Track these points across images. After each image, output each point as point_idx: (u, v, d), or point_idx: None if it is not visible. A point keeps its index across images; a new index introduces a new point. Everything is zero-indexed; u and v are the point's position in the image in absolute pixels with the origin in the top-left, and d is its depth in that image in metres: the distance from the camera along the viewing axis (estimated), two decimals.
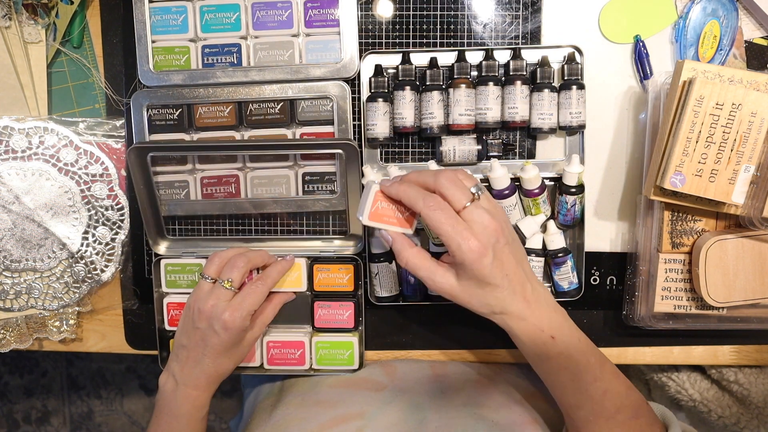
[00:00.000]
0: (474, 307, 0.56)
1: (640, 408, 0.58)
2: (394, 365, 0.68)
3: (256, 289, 0.64)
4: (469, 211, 0.53)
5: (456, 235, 0.51)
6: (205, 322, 0.63)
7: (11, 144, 0.71)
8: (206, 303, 0.62)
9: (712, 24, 0.66)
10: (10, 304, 0.74)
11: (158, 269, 0.72)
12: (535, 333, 0.56)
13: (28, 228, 0.72)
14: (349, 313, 0.72)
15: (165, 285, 0.72)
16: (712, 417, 0.78)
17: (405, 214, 0.57)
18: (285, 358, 0.72)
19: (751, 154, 0.58)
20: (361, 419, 0.62)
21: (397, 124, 0.67)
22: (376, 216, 0.57)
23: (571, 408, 0.58)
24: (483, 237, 0.52)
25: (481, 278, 0.53)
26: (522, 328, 0.56)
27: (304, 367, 0.72)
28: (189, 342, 0.64)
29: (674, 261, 0.66)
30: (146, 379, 1.65)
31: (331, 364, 0.72)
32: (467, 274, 0.53)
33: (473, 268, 0.52)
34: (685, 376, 0.80)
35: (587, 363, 0.57)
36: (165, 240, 0.73)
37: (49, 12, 0.69)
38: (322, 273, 0.71)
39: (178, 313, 0.72)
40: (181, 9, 0.68)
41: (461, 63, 0.67)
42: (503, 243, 0.53)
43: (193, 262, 0.72)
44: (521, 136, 0.70)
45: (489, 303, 0.55)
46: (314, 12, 0.67)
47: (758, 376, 0.75)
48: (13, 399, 1.68)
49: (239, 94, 0.69)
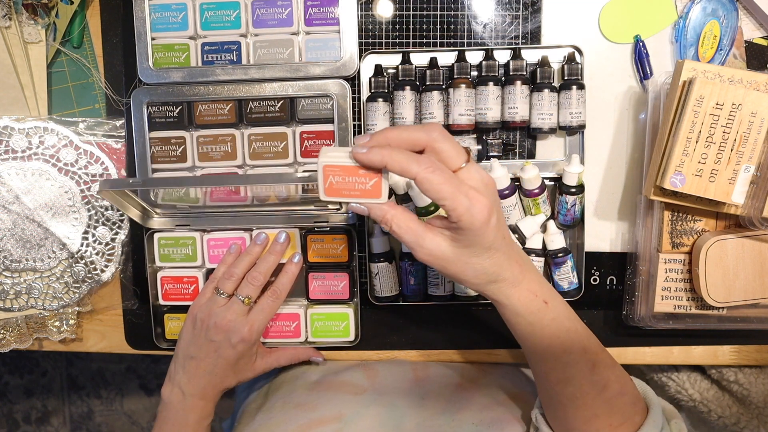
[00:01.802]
0: (468, 277, 0.50)
1: (626, 384, 0.56)
2: (375, 368, 0.68)
3: (272, 304, 0.66)
4: (467, 169, 0.47)
5: (463, 197, 0.45)
6: (222, 335, 0.64)
7: (11, 144, 0.71)
8: (224, 318, 0.64)
9: (712, 24, 0.66)
10: (10, 304, 0.74)
11: (151, 243, 0.72)
12: (529, 298, 0.52)
13: (28, 228, 0.72)
14: (343, 284, 0.71)
15: (159, 259, 0.72)
16: (712, 417, 0.78)
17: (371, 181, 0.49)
18: (280, 330, 0.72)
19: (751, 154, 0.58)
20: (338, 422, 0.62)
21: (397, 124, 0.67)
22: (335, 191, 0.50)
23: (559, 384, 0.54)
24: (488, 195, 0.47)
25: (483, 242, 0.47)
26: (517, 295, 0.51)
27: (300, 339, 0.72)
28: (200, 353, 0.65)
29: (674, 261, 0.66)
30: (146, 379, 1.65)
31: (327, 336, 0.72)
32: (467, 240, 0.47)
33: (480, 231, 0.46)
34: (685, 376, 0.80)
35: (576, 331, 0.54)
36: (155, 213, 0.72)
37: (49, 12, 0.69)
38: (315, 244, 0.71)
39: (173, 287, 0.72)
40: (181, 6, 0.68)
41: (461, 63, 0.67)
42: (498, 204, 0.49)
43: (186, 235, 0.71)
44: (521, 136, 0.70)
45: (486, 270, 0.49)
46: (314, 10, 0.67)
47: (758, 376, 0.75)
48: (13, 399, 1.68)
49: (239, 91, 0.69)
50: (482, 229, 0.46)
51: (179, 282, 0.72)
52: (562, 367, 0.53)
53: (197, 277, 0.72)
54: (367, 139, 0.48)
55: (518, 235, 0.66)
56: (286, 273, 0.68)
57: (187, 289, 0.72)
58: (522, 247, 0.67)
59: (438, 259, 0.49)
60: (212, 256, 0.71)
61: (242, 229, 0.71)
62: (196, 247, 0.71)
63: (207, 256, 0.72)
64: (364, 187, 0.50)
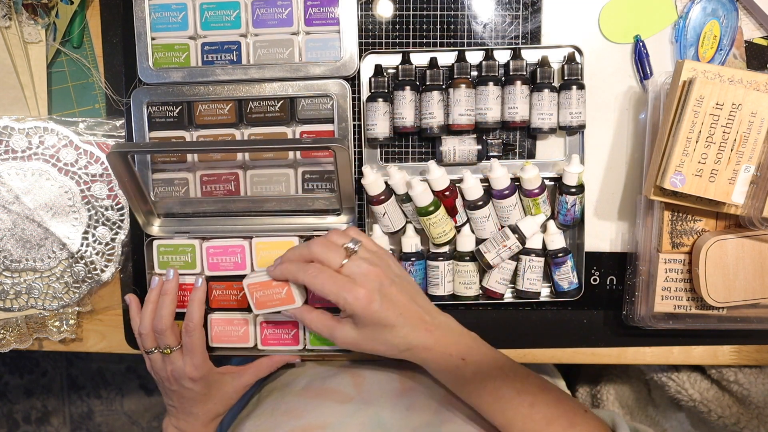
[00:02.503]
0: (381, 352, 0.59)
1: (575, 416, 0.57)
2: (363, 375, 0.68)
3: (193, 339, 0.68)
4: (347, 266, 0.57)
5: (340, 290, 0.56)
6: (175, 384, 0.69)
7: (11, 144, 0.71)
8: (165, 371, 0.68)
9: (712, 24, 0.66)
10: (10, 304, 0.74)
11: (150, 250, 0.72)
12: (444, 359, 0.58)
13: (28, 228, 0.72)
14: None
15: (158, 266, 0.72)
16: (712, 417, 0.78)
17: (283, 290, 0.62)
18: (279, 338, 0.72)
19: (751, 154, 0.58)
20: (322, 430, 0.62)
21: (397, 124, 0.67)
22: (261, 305, 0.63)
23: (504, 427, 0.57)
24: (366, 284, 0.56)
25: (376, 322, 0.56)
26: (431, 358, 0.58)
27: (298, 347, 0.72)
28: (173, 401, 0.71)
29: (674, 261, 0.66)
30: (146, 379, 1.65)
31: (325, 343, 0.71)
32: (363, 323, 0.57)
33: (365, 315, 0.56)
34: (685, 376, 0.80)
35: (506, 378, 0.58)
36: (157, 219, 0.72)
37: (49, 12, 0.69)
38: None
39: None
40: (181, 6, 0.68)
41: (461, 63, 0.67)
42: (388, 284, 0.57)
43: (185, 242, 0.71)
44: (521, 136, 0.70)
45: (393, 343, 0.58)
46: (314, 10, 0.67)
47: (758, 376, 0.75)
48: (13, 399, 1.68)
49: (239, 91, 0.69)
50: (367, 314, 0.56)
51: (179, 289, 0.71)
52: (499, 411, 0.57)
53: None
54: (279, 261, 0.61)
55: (518, 235, 0.66)
56: (192, 301, 0.69)
57: (185, 296, 0.72)
58: (522, 248, 0.67)
59: (351, 344, 0.59)
60: (211, 263, 0.71)
61: (241, 237, 0.71)
62: (195, 255, 0.71)
63: (206, 263, 0.71)
64: (281, 296, 0.62)
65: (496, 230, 0.68)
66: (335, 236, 0.60)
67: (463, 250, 0.69)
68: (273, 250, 0.70)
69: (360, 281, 0.56)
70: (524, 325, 0.73)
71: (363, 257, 0.58)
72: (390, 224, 0.69)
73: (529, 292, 0.69)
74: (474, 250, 0.69)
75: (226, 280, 0.71)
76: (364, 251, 0.59)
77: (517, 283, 0.70)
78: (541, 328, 0.73)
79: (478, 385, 0.58)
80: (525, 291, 0.69)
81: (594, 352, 0.74)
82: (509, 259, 0.68)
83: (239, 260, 0.70)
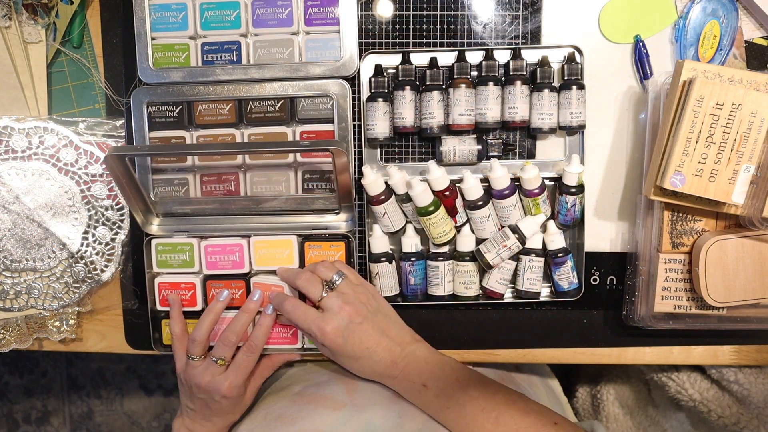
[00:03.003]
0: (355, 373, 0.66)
1: (542, 427, 0.58)
2: (356, 382, 0.68)
3: (248, 359, 0.69)
4: (324, 302, 0.64)
5: (311, 326, 0.63)
6: (205, 394, 0.68)
7: (11, 144, 0.71)
8: (202, 380, 0.68)
9: (712, 24, 0.66)
10: (10, 304, 0.74)
11: (149, 249, 0.72)
12: (407, 385, 0.63)
13: (28, 228, 0.72)
14: None
15: (156, 265, 0.72)
16: (712, 417, 0.78)
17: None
18: (278, 337, 0.72)
19: (751, 154, 0.58)
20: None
21: (397, 124, 0.67)
22: None
23: None
24: (334, 322, 0.62)
25: (343, 354, 0.63)
26: (397, 385, 0.64)
27: (297, 345, 0.73)
28: (194, 406, 0.70)
29: (674, 261, 0.66)
30: (146, 379, 1.65)
31: None
32: (332, 353, 0.64)
33: (331, 348, 0.63)
34: (685, 376, 0.80)
35: (469, 397, 0.60)
36: (156, 218, 0.72)
37: (49, 12, 0.69)
38: (313, 251, 0.71)
39: (170, 293, 0.72)
40: (181, 6, 0.68)
41: (461, 63, 0.67)
42: (359, 321, 0.63)
43: (184, 241, 0.71)
44: (521, 136, 0.70)
45: (360, 371, 0.65)
46: (314, 10, 0.67)
47: (758, 376, 0.75)
48: (13, 399, 1.68)
49: (239, 91, 0.69)
50: (333, 347, 0.63)
51: (177, 288, 0.72)
52: (465, 428, 0.60)
53: (194, 283, 0.71)
54: None
55: (518, 235, 0.66)
56: (260, 326, 0.69)
57: (184, 295, 0.72)
58: (522, 248, 0.67)
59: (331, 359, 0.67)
60: (210, 262, 0.71)
61: (240, 236, 0.71)
62: (193, 254, 0.71)
63: (204, 262, 0.71)
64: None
65: (496, 230, 0.68)
66: (322, 268, 0.66)
67: (463, 250, 0.69)
68: (272, 248, 0.71)
69: (328, 318, 0.63)
70: (524, 325, 0.73)
71: (341, 292, 0.64)
72: (390, 224, 0.69)
73: (529, 292, 0.69)
74: (474, 250, 0.69)
75: (225, 279, 0.71)
76: (345, 286, 0.65)
77: (517, 283, 0.70)
78: (541, 328, 0.73)
79: (441, 405, 0.61)
80: (525, 291, 0.69)
81: (594, 352, 0.74)
82: (509, 259, 0.68)
83: (237, 259, 0.71)
